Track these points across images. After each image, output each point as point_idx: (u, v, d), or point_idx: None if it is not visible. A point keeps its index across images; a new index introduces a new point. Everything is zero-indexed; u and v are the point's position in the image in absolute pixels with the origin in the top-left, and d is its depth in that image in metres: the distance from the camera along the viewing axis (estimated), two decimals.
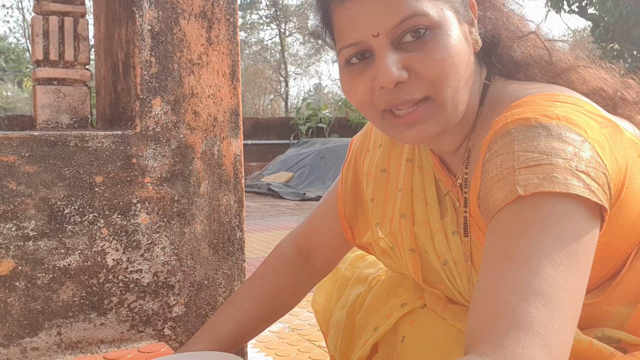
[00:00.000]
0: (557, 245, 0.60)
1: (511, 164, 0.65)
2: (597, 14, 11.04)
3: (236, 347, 1.05)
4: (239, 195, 1.37)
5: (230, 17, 1.35)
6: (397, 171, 0.94)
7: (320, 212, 1.09)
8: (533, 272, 0.59)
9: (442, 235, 0.87)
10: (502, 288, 0.59)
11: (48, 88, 1.37)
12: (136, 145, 1.26)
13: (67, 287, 1.20)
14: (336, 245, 1.08)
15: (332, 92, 26.84)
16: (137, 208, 1.26)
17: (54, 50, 1.37)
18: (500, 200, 0.65)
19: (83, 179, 1.21)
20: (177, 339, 1.32)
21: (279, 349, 1.78)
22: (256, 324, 1.06)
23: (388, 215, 0.94)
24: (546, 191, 0.62)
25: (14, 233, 1.15)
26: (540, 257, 0.60)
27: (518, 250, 0.61)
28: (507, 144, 0.67)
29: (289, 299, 1.09)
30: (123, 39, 1.33)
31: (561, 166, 0.63)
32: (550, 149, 0.64)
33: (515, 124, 0.67)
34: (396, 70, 0.71)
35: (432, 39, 0.71)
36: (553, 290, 0.58)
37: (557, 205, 0.62)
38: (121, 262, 1.25)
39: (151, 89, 1.27)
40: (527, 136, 0.66)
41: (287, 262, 1.09)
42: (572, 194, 0.62)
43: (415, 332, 0.95)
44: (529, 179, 0.63)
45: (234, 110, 1.36)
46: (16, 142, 1.15)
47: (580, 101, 0.72)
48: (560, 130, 0.65)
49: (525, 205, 0.63)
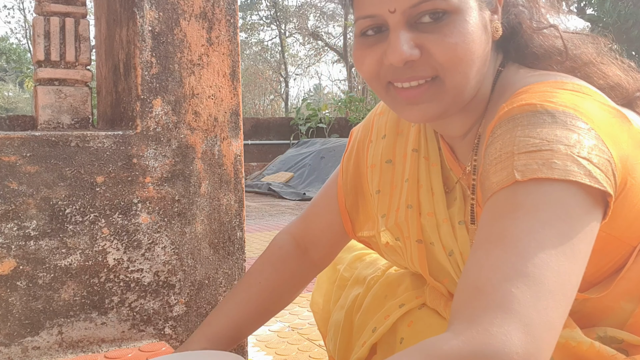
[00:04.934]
0: (548, 229, 0.59)
1: (511, 148, 0.64)
2: (595, 14, 11.04)
3: (235, 343, 1.05)
4: (239, 195, 1.38)
5: (231, 18, 1.35)
6: (402, 162, 0.93)
7: (318, 205, 1.07)
8: (519, 253, 0.58)
9: (448, 225, 0.86)
10: (486, 268, 0.58)
11: (49, 88, 1.38)
12: (137, 145, 1.26)
13: (69, 286, 1.21)
14: (335, 238, 1.06)
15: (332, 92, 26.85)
16: (138, 208, 1.27)
17: (55, 51, 1.37)
18: (496, 183, 0.64)
19: (84, 179, 1.21)
20: (177, 338, 1.32)
21: (279, 348, 1.79)
22: (254, 320, 1.06)
23: (394, 207, 0.93)
24: (544, 177, 0.61)
25: (16, 233, 1.16)
26: (529, 239, 0.59)
27: (507, 232, 0.60)
28: (510, 129, 0.66)
29: (287, 293, 1.08)
30: (124, 40, 1.34)
31: (562, 152, 0.62)
32: (553, 136, 0.63)
33: (520, 109, 0.67)
34: (407, 49, 0.70)
35: (449, 22, 0.70)
36: (540, 272, 0.57)
37: (552, 190, 0.61)
38: (122, 262, 1.25)
39: (152, 89, 1.27)
40: (531, 122, 0.65)
41: (285, 257, 1.07)
42: (570, 180, 0.61)
43: (413, 333, 0.95)
44: (528, 164, 0.62)
45: (234, 111, 1.37)
46: (17, 142, 1.16)
47: (588, 89, 0.71)
48: (566, 118, 0.64)
49: (520, 189, 0.62)
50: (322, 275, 1.25)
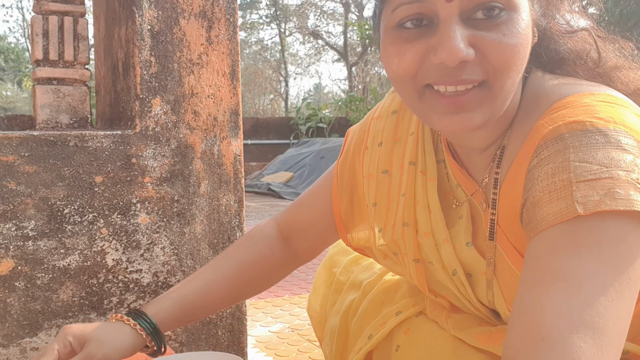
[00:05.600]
0: (612, 272, 0.56)
1: (567, 175, 0.60)
2: (597, 13, 11.05)
3: (202, 312, 0.98)
4: (238, 195, 1.37)
5: (230, 17, 1.35)
6: (399, 173, 0.88)
7: (309, 200, 1.03)
8: (585, 300, 0.55)
9: (449, 245, 0.81)
10: (549, 311, 0.56)
11: (48, 88, 1.37)
12: (136, 145, 1.26)
13: (67, 287, 1.20)
14: (322, 235, 1.02)
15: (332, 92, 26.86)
16: (137, 208, 1.26)
17: (54, 50, 1.36)
18: (553, 215, 0.60)
19: (83, 179, 1.21)
20: (177, 339, 1.32)
21: (279, 349, 1.78)
22: (227, 292, 0.99)
23: (390, 222, 0.89)
24: (608, 210, 0.57)
25: (14, 233, 1.15)
26: (593, 283, 0.56)
27: (570, 272, 0.56)
28: (560, 151, 0.61)
29: (264, 274, 1.02)
30: (123, 39, 1.33)
31: (622, 180, 0.58)
32: (610, 159, 0.59)
33: (568, 128, 0.62)
34: (464, 47, 0.62)
35: (507, 21, 0.63)
36: (604, 323, 0.55)
37: (615, 225, 0.58)
38: (121, 262, 1.25)
39: (151, 88, 1.27)
40: (584, 143, 0.60)
41: (266, 237, 1.02)
42: (634, 210, 0.57)
43: (410, 341, 0.93)
44: (589, 195, 0.58)
45: (233, 110, 1.36)
46: (16, 142, 1.15)
47: (623, 100, 0.67)
48: (618, 136, 0.60)
49: (582, 225, 0.58)
50: (318, 279, 1.23)
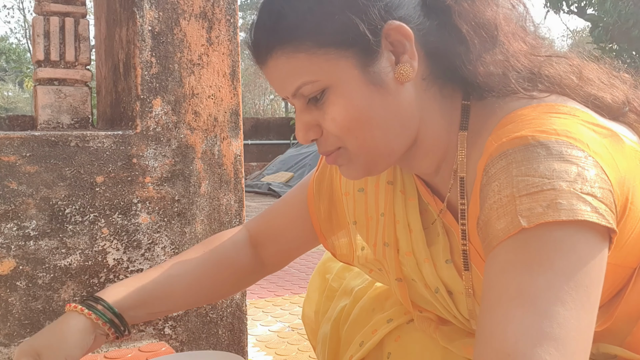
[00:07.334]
0: (566, 282, 0.57)
1: (510, 190, 0.61)
2: (596, 14, 11.05)
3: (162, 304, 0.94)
4: (239, 195, 1.38)
5: (231, 18, 1.35)
6: (375, 192, 0.89)
7: (282, 209, 1.02)
8: (543, 313, 0.56)
9: (430, 264, 0.82)
10: (511, 331, 0.56)
11: (49, 88, 1.37)
12: (137, 145, 1.26)
13: (68, 286, 1.21)
14: (292, 245, 1.01)
15: None
16: (138, 208, 1.27)
17: (55, 51, 1.37)
18: (501, 231, 0.61)
19: (84, 179, 1.21)
20: (177, 338, 1.32)
21: (279, 348, 1.79)
22: (188, 286, 0.95)
23: (371, 241, 0.90)
24: (551, 221, 0.58)
25: (15, 233, 1.15)
26: (549, 296, 0.56)
27: (525, 289, 0.57)
28: (504, 167, 0.62)
29: (228, 276, 1.00)
30: (124, 40, 1.33)
31: (565, 190, 0.58)
32: (552, 171, 0.60)
33: (511, 144, 0.62)
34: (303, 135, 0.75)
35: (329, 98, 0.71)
36: (566, 333, 0.55)
37: (563, 235, 0.58)
38: (122, 262, 1.25)
39: (152, 89, 1.27)
40: (526, 157, 0.61)
41: (235, 242, 1.01)
42: (579, 220, 0.58)
43: (401, 349, 0.93)
44: (532, 208, 0.59)
45: (234, 110, 1.37)
46: (17, 142, 1.15)
47: (576, 110, 0.67)
48: (561, 148, 0.61)
49: (529, 238, 0.59)
50: (311, 285, 1.22)
